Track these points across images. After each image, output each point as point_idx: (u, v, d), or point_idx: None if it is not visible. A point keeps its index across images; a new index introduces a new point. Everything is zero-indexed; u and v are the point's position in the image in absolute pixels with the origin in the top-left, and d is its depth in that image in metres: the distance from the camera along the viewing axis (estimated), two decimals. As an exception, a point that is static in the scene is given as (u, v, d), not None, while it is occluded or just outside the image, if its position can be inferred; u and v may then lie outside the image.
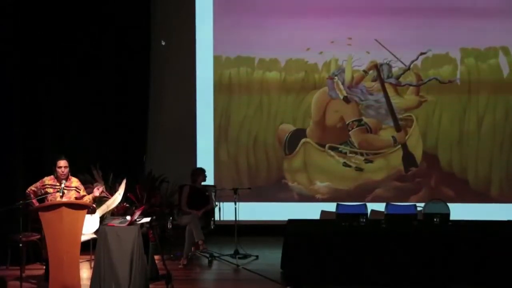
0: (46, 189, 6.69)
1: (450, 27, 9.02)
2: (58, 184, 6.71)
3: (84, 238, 6.90)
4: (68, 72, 8.63)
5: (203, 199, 8.06)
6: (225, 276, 7.38)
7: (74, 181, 6.82)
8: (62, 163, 6.70)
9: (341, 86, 9.17)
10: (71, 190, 6.73)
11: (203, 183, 8.29)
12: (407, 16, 9.05)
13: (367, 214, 7.26)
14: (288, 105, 9.22)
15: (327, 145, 9.20)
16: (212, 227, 8.07)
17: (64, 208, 6.16)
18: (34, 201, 6.59)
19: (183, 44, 9.19)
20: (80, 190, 6.81)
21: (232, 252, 7.90)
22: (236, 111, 9.25)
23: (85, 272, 7.18)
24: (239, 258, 7.80)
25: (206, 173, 8.23)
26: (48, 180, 6.75)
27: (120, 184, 7.74)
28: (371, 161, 9.19)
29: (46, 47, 8.38)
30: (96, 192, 6.75)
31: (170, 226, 7.83)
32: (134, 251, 6.19)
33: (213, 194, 8.41)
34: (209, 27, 9.17)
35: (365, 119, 9.18)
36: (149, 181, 8.74)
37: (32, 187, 6.72)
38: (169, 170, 8.78)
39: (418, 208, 7.60)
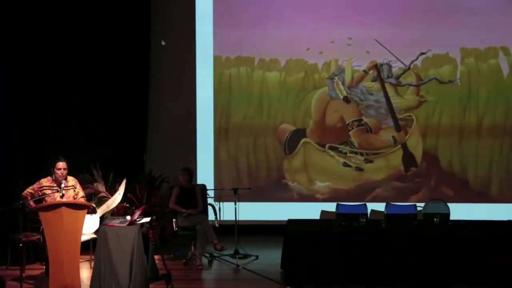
0: (44, 191, 6.70)
1: (450, 27, 9.03)
2: (55, 185, 6.72)
3: (84, 238, 6.90)
4: (68, 72, 8.63)
5: (191, 199, 8.02)
6: (225, 276, 7.38)
7: (71, 180, 6.84)
8: (62, 164, 6.70)
9: (341, 86, 9.18)
10: (69, 189, 6.75)
11: (198, 183, 8.28)
12: (407, 16, 9.05)
13: (367, 214, 7.27)
14: (288, 105, 9.22)
15: (327, 145, 9.20)
16: (217, 225, 8.02)
17: (64, 208, 6.16)
18: (31, 202, 6.58)
19: (183, 44, 9.19)
20: (76, 188, 6.82)
21: (232, 252, 7.90)
22: (236, 111, 9.24)
23: (85, 272, 7.18)
24: (239, 258, 7.80)
25: (188, 172, 8.03)
26: (45, 181, 6.76)
27: (120, 184, 7.76)
28: (371, 161, 9.19)
29: (46, 47, 8.38)
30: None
31: (176, 228, 7.81)
32: (134, 251, 6.19)
33: (212, 192, 8.43)
34: (209, 27, 9.17)
35: (365, 119, 9.19)
36: (149, 181, 8.75)
37: (29, 189, 6.72)
38: (169, 170, 8.78)
39: (418, 208, 7.62)
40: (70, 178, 6.85)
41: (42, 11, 8.33)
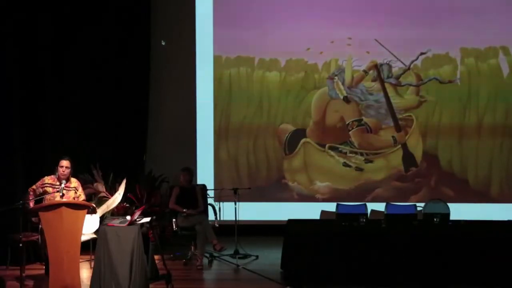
0: (46, 188, 6.69)
1: (450, 27, 9.03)
2: (58, 184, 6.70)
3: (84, 238, 6.90)
4: (68, 72, 8.63)
5: (191, 199, 8.02)
6: (225, 276, 7.38)
7: (73, 182, 6.83)
8: (64, 163, 6.69)
9: (341, 86, 9.18)
10: (70, 190, 6.74)
11: (198, 183, 8.28)
12: (407, 16, 9.05)
13: (367, 214, 7.27)
14: (288, 105, 9.22)
15: (327, 145, 9.20)
16: (217, 225, 8.02)
17: (64, 208, 6.15)
18: (31, 202, 6.56)
19: (183, 44, 9.19)
20: (77, 190, 6.80)
21: (232, 252, 7.90)
22: (236, 111, 9.24)
23: (85, 272, 7.18)
24: (239, 258, 7.81)
25: (189, 172, 8.05)
26: (48, 179, 6.75)
27: (120, 184, 7.75)
28: (371, 161, 9.19)
29: (46, 47, 8.38)
30: None
31: (176, 228, 7.81)
32: (134, 251, 6.19)
33: (212, 192, 8.43)
34: (209, 27, 9.17)
35: (365, 119, 9.19)
36: (149, 181, 8.75)
37: (33, 186, 6.72)
38: (169, 170, 8.77)
39: (418, 208, 7.62)
40: (73, 179, 6.84)
41: (42, 11, 8.33)
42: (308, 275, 6.75)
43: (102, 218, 7.32)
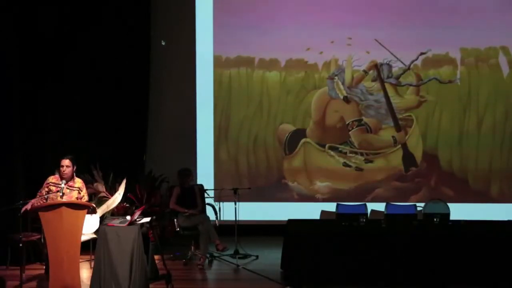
0: (50, 187, 6.69)
1: (450, 27, 9.03)
2: (60, 183, 6.70)
3: (84, 238, 6.90)
4: (68, 72, 8.63)
5: (191, 199, 8.02)
6: (225, 276, 7.38)
7: (78, 182, 6.80)
8: (65, 162, 6.68)
9: (341, 86, 9.18)
10: (74, 190, 6.72)
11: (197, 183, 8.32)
12: (407, 16, 9.05)
13: (367, 214, 7.26)
14: (288, 105, 9.22)
15: (327, 145, 9.20)
16: (217, 225, 8.02)
17: (64, 208, 6.15)
18: (29, 205, 6.53)
19: (183, 44, 9.19)
20: (81, 191, 6.80)
21: (232, 252, 7.90)
22: (236, 111, 9.25)
23: (85, 272, 7.19)
24: (239, 258, 7.81)
25: (191, 173, 8.11)
26: (52, 178, 6.76)
27: (120, 184, 7.76)
28: (371, 161, 9.19)
29: (46, 47, 8.38)
30: None
31: (178, 228, 7.81)
32: (134, 251, 6.19)
33: (212, 192, 8.44)
34: (209, 27, 9.17)
35: (365, 119, 9.19)
36: (149, 181, 8.75)
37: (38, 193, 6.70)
38: (169, 170, 8.77)
39: (418, 208, 7.62)
40: (78, 180, 6.81)
41: (42, 11, 8.33)
42: (308, 275, 6.75)
43: (102, 218, 7.32)
